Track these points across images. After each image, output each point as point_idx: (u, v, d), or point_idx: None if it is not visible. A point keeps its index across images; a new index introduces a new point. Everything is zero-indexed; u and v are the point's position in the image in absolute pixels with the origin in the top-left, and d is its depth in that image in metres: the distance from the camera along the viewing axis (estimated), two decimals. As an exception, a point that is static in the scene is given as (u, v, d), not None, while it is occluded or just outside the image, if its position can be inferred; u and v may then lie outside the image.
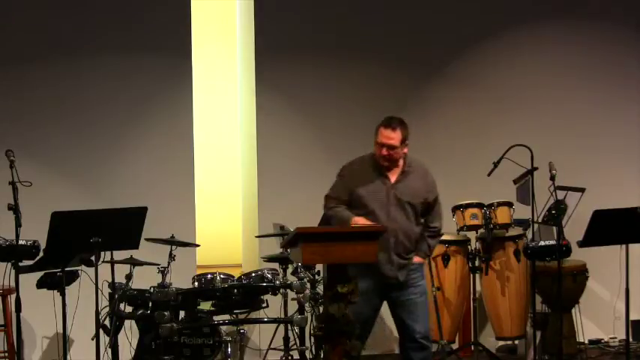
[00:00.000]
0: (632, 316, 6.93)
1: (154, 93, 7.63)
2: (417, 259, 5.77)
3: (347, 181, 5.72)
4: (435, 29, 7.94)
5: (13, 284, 5.80)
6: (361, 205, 5.65)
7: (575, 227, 7.04)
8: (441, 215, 5.94)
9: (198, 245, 7.20)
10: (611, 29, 8.17)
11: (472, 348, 7.41)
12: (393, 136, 5.67)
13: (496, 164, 7.12)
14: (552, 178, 6.73)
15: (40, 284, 6.17)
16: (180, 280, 6.90)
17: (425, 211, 5.82)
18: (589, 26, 8.17)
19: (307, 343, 6.72)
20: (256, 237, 7.52)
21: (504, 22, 8.07)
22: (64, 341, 6.07)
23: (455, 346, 7.40)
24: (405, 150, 5.75)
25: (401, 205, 5.68)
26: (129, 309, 6.78)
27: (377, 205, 5.64)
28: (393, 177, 5.72)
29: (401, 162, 5.76)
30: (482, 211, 7.24)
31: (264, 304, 6.86)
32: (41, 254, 5.95)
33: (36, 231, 5.92)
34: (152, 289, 6.61)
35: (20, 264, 5.83)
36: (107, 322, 6.54)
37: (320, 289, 6.46)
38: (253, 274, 6.89)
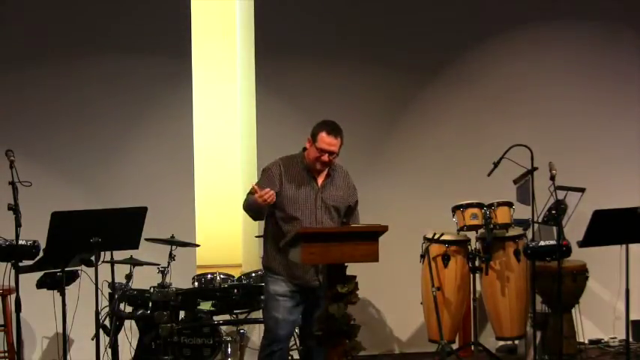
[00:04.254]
0: (632, 316, 6.94)
1: (154, 93, 7.63)
2: None
3: (275, 179, 5.62)
4: (435, 29, 7.94)
5: (13, 284, 5.80)
6: (287, 205, 5.58)
7: (575, 227, 7.05)
8: (359, 219, 5.87)
9: (198, 245, 7.20)
10: (611, 29, 8.17)
11: (472, 348, 7.41)
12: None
13: (496, 164, 7.12)
14: (552, 178, 6.74)
15: (40, 284, 6.17)
16: (180, 280, 6.90)
17: (345, 213, 5.79)
18: (589, 26, 8.16)
19: (307, 343, 6.72)
20: (256, 237, 7.52)
21: (504, 23, 8.06)
22: (64, 341, 6.07)
23: (455, 346, 7.40)
24: None
25: (327, 209, 5.66)
26: (129, 309, 6.78)
27: (304, 208, 5.60)
28: (320, 180, 5.69)
29: None
30: (483, 211, 7.23)
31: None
32: (41, 254, 5.95)
33: (36, 231, 5.91)
34: (152, 289, 6.62)
35: (20, 264, 5.83)
36: (107, 322, 6.55)
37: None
38: (253, 274, 6.90)
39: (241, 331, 6.79)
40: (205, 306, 6.87)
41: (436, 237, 7.26)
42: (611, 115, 8.18)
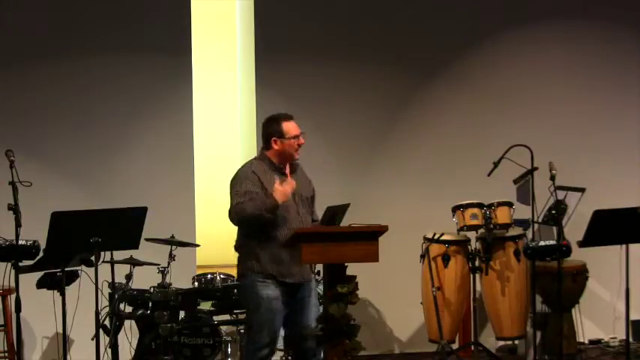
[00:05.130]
0: (632, 316, 6.93)
1: (153, 93, 7.64)
2: None
3: (257, 183, 5.53)
4: (435, 29, 7.94)
5: (13, 284, 5.80)
6: None
7: (575, 227, 7.05)
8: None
9: (198, 245, 7.20)
10: (611, 29, 8.17)
11: (472, 348, 7.41)
12: (296, 124, 5.69)
13: (496, 164, 7.12)
14: (552, 178, 6.74)
15: (40, 284, 6.17)
16: (180, 280, 6.90)
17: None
18: (589, 26, 8.16)
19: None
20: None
21: (504, 23, 8.06)
22: (64, 341, 6.06)
23: (455, 346, 7.39)
24: None
25: (303, 201, 5.66)
26: (129, 309, 6.78)
27: (288, 206, 5.54)
28: (289, 175, 5.63)
29: None
30: (483, 211, 7.23)
31: (264, 304, 6.85)
32: (41, 254, 5.95)
33: (36, 231, 5.91)
34: (152, 289, 6.62)
35: (20, 264, 5.83)
36: (107, 322, 6.55)
37: (320, 289, 6.46)
38: (253, 274, 6.88)
39: (241, 331, 6.79)
40: (205, 306, 6.87)
41: (436, 237, 7.26)
42: (612, 115, 8.18)
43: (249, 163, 5.71)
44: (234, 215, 5.58)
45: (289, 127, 5.65)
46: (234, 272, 7.18)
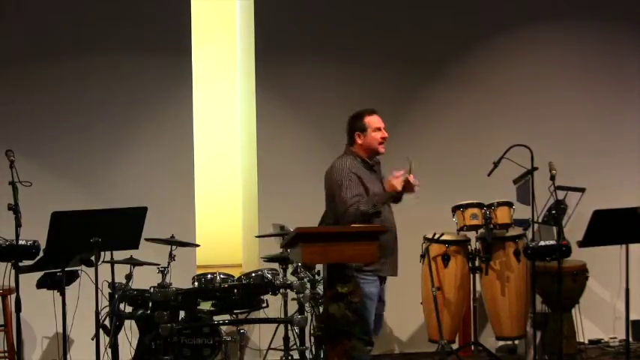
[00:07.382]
0: (632, 316, 6.94)
1: (153, 93, 7.63)
2: None
3: (358, 180, 5.69)
4: (435, 30, 7.94)
5: (13, 284, 5.80)
6: None
7: (575, 227, 7.05)
8: None
9: (198, 245, 7.20)
10: (611, 30, 8.17)
11: (472, 348, 7.41)
12: (379, 117, 5.88)
13: (496, 164, 7.12)
14: (552, 178, 6.74)
15: (40, 284, 6.17)
16: (180, 280, 6.90)
17: None
18: (589, 27, 8.17)
19: (307, 343, 6.72)
20: (256, 237, 7.52)
21: (504, 23, 8.07)
22: (64, 341, 6.07)
23: (455, 346, 7.40)
24: None
25: None
26: (129, 309, 6.78)
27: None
28: (377, 173, 5.87)
29: None
30: (483, 211, 7.24)
31: (264, 304, 6.86)
32: (41, 254, 5.95)
33: (36, 231, 5.91)
34: (152, 289, 6.61)
35: (20, 264, 5.83)
36: (107, 322, 6.55)
37: (320, 289, 6.46)
38: (253, 274, 6.89)
39: (241, 331, 6.78)
40: (205, 306, 6.86)
41: (436, 237, 7.26)
42: (611, 115, 8.18)
43: (344, 161, 5.79)
44: (350, 216, 5.59)
45: (371, 121, 5.83)
46: (234, 272, 7.21)
